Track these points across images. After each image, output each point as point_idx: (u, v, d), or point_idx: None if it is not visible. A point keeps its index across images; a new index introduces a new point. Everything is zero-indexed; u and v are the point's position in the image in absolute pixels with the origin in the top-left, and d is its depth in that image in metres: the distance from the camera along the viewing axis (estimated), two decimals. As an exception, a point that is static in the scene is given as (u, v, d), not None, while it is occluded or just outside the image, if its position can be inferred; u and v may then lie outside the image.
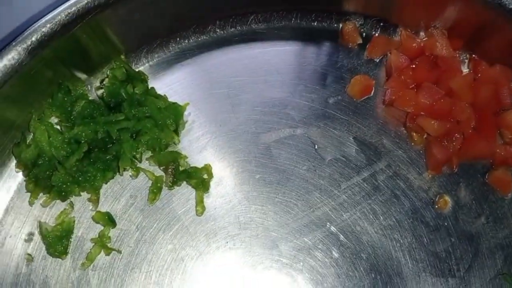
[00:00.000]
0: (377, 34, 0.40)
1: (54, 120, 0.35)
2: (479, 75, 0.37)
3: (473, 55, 0.39)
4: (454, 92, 0.36)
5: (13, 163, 0.34)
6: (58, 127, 0.35)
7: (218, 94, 0.37)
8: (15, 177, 0.34)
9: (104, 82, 0.36)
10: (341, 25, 0.40)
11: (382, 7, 0.39)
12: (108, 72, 0.36)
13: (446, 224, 0.35)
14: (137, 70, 0.37)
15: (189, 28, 0.38)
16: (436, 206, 0.36)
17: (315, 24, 0.40)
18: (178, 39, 0.38)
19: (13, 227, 0.33)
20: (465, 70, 0.39)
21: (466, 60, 0.39)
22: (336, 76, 0.39)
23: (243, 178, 0.35)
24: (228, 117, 0.37)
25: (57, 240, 0.33)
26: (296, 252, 0.34)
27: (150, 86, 0.36)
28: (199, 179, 0.35)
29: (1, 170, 0.34)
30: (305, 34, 0.39)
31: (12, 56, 0.31)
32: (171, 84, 0.37)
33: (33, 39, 0.32)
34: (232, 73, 0.38)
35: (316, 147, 0.37)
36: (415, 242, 0.35)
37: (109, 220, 0.34)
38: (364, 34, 0.40)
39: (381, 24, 0.39)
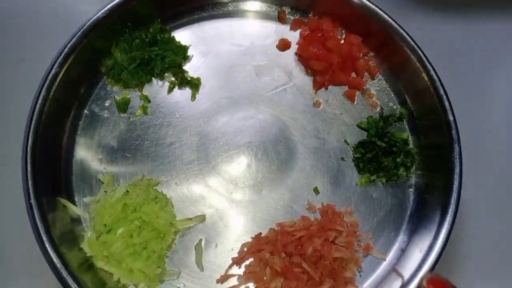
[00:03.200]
0: (296, 17, 0.71)
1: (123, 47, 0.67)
2: (345, 39, 0.69)
3: (346, 32, 0.70)
4: (330, 47, 0.67)
5: (101, 68, 0.66)
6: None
7: (209, 42, 0.67)
8: (102, 76, 0.65)
9: (150, 30, 0.67)
10: (278, 12, 0.71)
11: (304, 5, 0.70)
12: (151, 28, 0.68)
13: (308, 112, 0.65)
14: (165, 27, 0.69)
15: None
16: (316, 107, 0.67)
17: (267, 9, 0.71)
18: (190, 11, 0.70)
19: (99, 100, 0.64)
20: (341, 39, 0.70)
21: (343, 34, 0.70)
22: (275, 38, 0.68)
23: (219, 82, 0.66)
24: (212, 55, 0.67)
25: (121, 105, 0.64)
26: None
27: (172, 35, 0.69)
28: (193, 84, 0.67)
29: (96, 72, 0.64)
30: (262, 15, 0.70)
31: (102, 12, 0.62)
32: (183, 37, 0.68)
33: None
34: (217, 34, 0.68)
35: (256, 73, 0.67)
36: (299, 120, 0.65)
37: (146, 98, 0.65)
38: (291, 17, 0.70)
39: (299, 11, 0.70)
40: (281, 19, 0.70)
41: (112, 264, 0.54)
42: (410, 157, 0.63)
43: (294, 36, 0.69)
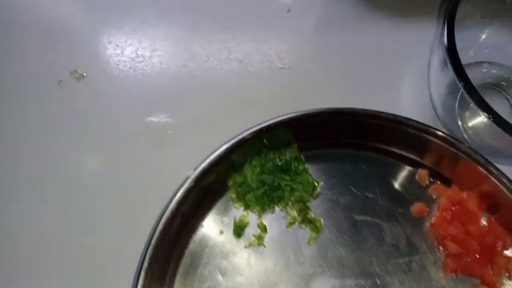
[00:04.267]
0: (438, 182, 0.67)
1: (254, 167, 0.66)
2: (489, 227, 0.62)
3: (491, 217, 0.64)
4: (471, 233, 0.62)
5: (229, 182, 0.64)
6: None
7: (341, 184, 0.64)
8: (227, 189, 0.64)
9: (284, 156, 0.66)
10: (419, 170, 0.68)
11: (447, 170, 0.66)
12: (287, 153, 0.67)
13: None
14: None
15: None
16: (439, 291, 0.61)
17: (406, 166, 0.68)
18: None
19: (219, 216, 0.62)
20: (483, 223, 0.64)
21: (485, 218, 0.64)
22: (411, 199, 0.64)
23: (340, 232, 0.62)
24: (341, 199, 0.64)
25: (238, 228, 0.62)
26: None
27: (306, 166, 0.66)
28: (314, 225, 0.63)
29: (223, 186, 0.64)
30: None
31: (248, 133, 0.62)
32: (315, 169, 0.66)
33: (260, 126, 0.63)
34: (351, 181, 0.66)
35: (383, 234, 0.64)
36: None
37: (264, 228, 0.62)
38: (431, 179, 0.67)
39: (440, 176, 0.66)
40: (420, 179, 0.65)
41: None
42: None
43: (431, 202, 0.64)
